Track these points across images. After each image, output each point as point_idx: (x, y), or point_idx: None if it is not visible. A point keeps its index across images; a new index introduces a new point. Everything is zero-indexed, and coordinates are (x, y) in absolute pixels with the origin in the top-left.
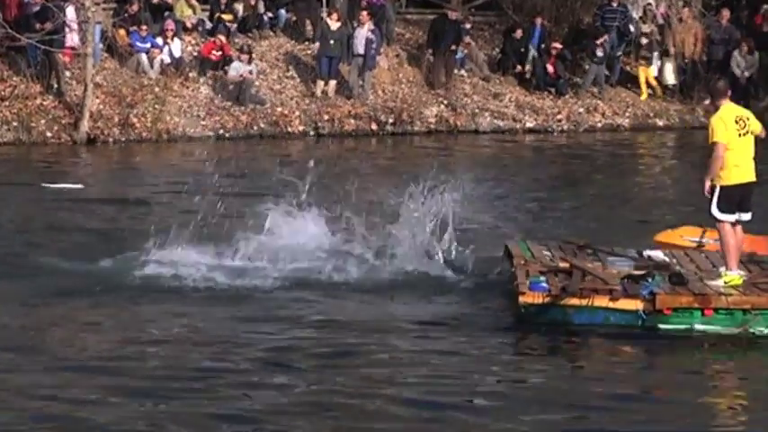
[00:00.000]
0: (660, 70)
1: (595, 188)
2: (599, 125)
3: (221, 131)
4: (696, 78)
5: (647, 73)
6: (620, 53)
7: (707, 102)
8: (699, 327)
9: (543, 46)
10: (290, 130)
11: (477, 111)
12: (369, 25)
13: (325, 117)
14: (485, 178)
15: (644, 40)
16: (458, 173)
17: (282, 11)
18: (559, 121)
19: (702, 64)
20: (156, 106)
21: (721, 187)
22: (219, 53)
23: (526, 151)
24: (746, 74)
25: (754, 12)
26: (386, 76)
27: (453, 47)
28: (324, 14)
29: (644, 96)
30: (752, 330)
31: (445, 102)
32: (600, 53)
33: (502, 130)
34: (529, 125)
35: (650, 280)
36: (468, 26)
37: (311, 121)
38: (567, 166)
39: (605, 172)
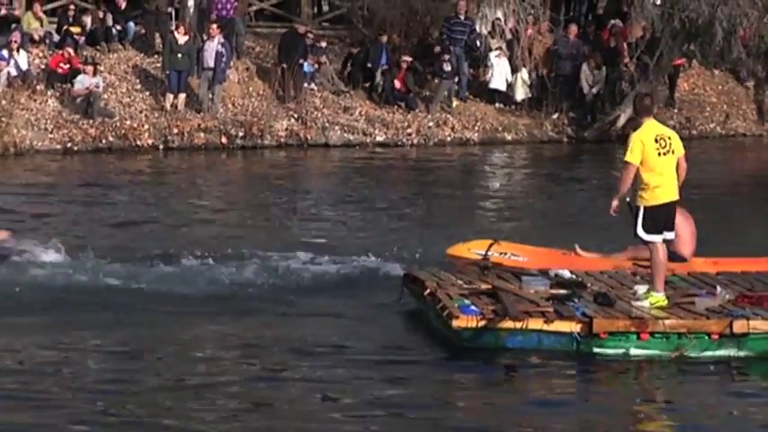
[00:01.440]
0: (509, 85)
1: (438, 201)
2: (448, 139)
3: (69, 145)
4: (544, 93)
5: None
6: (467, 68)
7: (555, 116)
8: (634, 351)
9: (386, 61)
10: (139, 143)
11: (327, 124)
12: (218, 38)
13: (175, 131)
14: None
15: (494, 55)
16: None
17: (131, 24)
18: (409, 134)
19: (550, 79)
20: (3, 119)
21: (645, 208)
22: (67, 66)
23: (375, 165)
24: (594, 90)
25: (602, 27)
26: (236, 90)
27: (302, 60)
28: (172, 28)
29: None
30: (687, 354)
31: (295, 115)
32: (447, 68)
33: (352, 144)
34: (379, 139)
35: (576, 300)
36: (323, 44)
37: (161, 134)
38: (413, 180)
39: (449, 185)
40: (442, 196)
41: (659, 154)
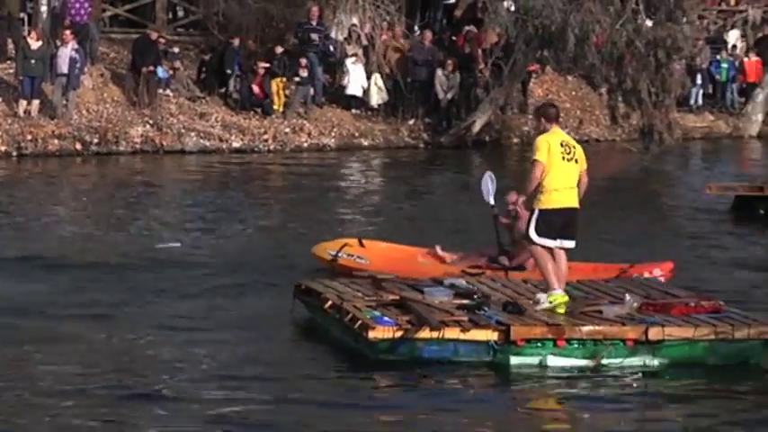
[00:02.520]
0: (365, 91)
1: (297, 206)
2: (305, 145)
3: None
4: (400, 99)
5: (278, 86)
6: (322, 73)
7: (411, 122)
8: (551, 359)
9: (239, 67)
10: None
11: (183, 131)
12: (72, 44)
13: (29, 137)
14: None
15: (349, 61)
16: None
17: None
18: (266, 140)
19: (406, 85)
20: None
21: (540, 211)
22: None
23: (232, 171)
24: (449, 95)
25: (457, 33)
26: (90, 96)
27: (156, 66)
28: (25, 33)
29: (277, 107)
30: (603, 362)
31: (151, 121)
32: (303, 74)
33: (208, 151)
34: (235, 145)
35: (486, 309)
36: (176, 50)
37: (14, 141)
38: (271, 186)
39: (307, 190)
40: (299, 201)
41: (564, 158)
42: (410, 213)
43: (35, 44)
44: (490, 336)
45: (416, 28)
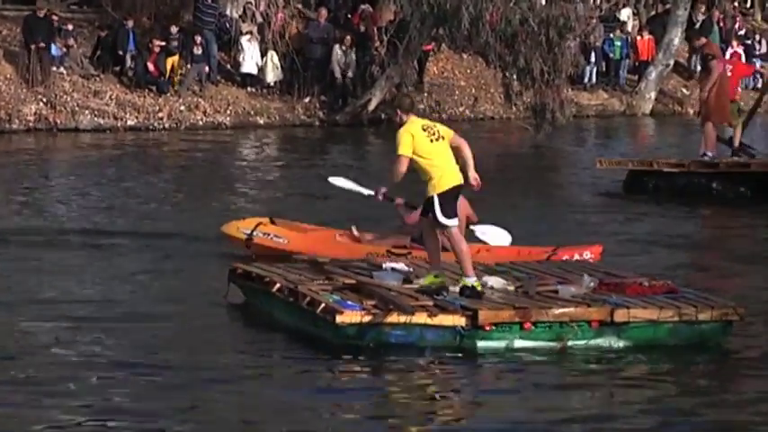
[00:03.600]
0: (260, 69)
1: (194, 185)
2: (200, 123)
3: None
4: (295, 77)
5: (173, 63)
6: (216, 51)
7: (307, 100)
8: (517, 342)
9: (134, 46)
10: None
11: (77, 108)
12: None
13: None
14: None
15: (244, 38)
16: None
17: None
18: (161, 118)
19: (301, 63)
20: None
21: (439, 195)
22: None
23: (125, 150)
24: (349, 73)
25: (352, 11)
26: None
27: (48, 43)
28: None
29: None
30: (569, 344)
31: (44, 99)
32: (198, 51)
33: (103, 129)
34: (130, 123)
35: (445, 294)
36: (70, 27)
37: None
38: (168, 164)
39: (203, 168)
40: (196, 180)
41: (431, 141)
42: (308, 192)
43: None
44: (457, 321)
45: (312, 5)
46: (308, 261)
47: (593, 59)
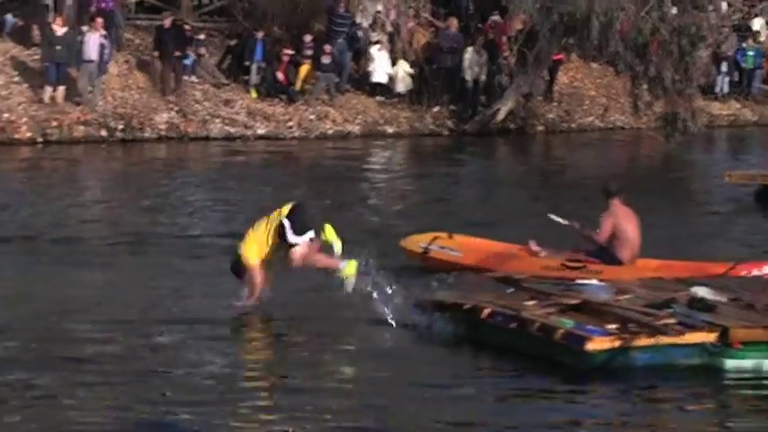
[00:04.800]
0: (390, 78)
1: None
2: (330, 132)
3: None
4: (425, 86)
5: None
6: (350, 60)
7: (436, 109)
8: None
9: (262, 56)
10: (17, 136)
11: (207, 117)
12: (100, 31)
13: (54, 123)
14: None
15: (375, 48)
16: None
17: (9, 16)
18: (290, 127)
19: (431, 72)
20: None
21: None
22: None
23: (256, 159)
24: (481, 78)
25: (483, 21)
26: (115, 83)
27: (181, 53)
28: (50, 19)
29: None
30: None
31: (176, 108)
32: (327, 60)
33: (233, 137)
34: (260, 132)
35: (675, 307)
36: (201, 37)
37: (39, 127)
38: (297, 174)
39: (335, 178)
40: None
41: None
42: (439, 201)
43: (60, 30)
44: (706, 338)
45: (442, 14)
46: (504, 278)
47: (725, 69)
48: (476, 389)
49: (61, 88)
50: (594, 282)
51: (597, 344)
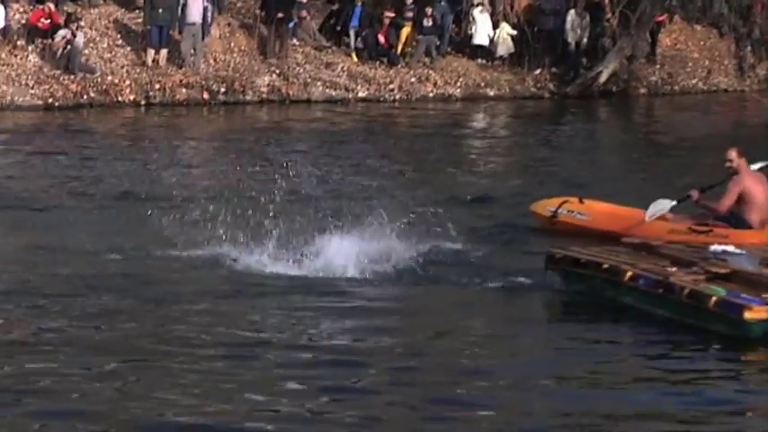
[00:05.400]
0: (491, 41)
1: (430, 157)
2: (431, 95)
3: (50, 100)
4: (526, 48)
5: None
6: (451, 23)
7: (537, 72)
8: None
9: (359, 21)
10: (120, 99)
11: (309, 80)
12: None
13: (157, 86)
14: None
15: (476, 10)
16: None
17: None
18: (391, 90)
19: (533, 34)
20: None
21: None
22: (48, 21)
23: (358, 121)
24: (583, 41)
25: None
26: (218, 45)
27: (284, 15)
28: None
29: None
30: None
31: (277, 71)
32: (428, 23)
33: (334, 100)
34: (361, 95)
35: None
36: (303, 0)
37: (142, 90)
38: (402, 136)
39: (438, 141)
40: (427, 153)
41: None
42: (540, 164)
43: None
44: None
45: None
46: (641, 244)
47: None
48: (615, 363)
49: (164, 51)
50: (731, 248)
51: (756, 313)
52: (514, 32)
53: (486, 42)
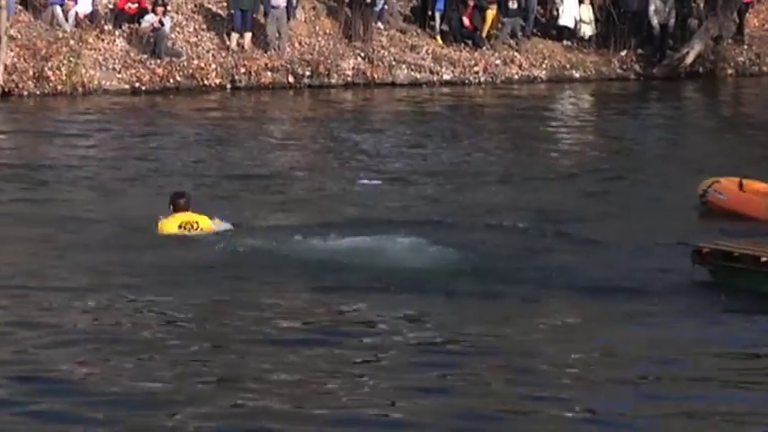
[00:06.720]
0: (576, 22)
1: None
2: (516, 77)
3: (137, 85)
4: (612, 30)
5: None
6: (535, 5)
7: (623, 53)
8: None
9: (444, 6)
10: (206, 83)
11: (394, 63)
12: None
13: (242, 70)
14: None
15: None
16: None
17: None
18: (476, 73)
19: (618, 15)
20: (71, 59)
21: None
22: (135, 6)
23: (444, 103)
24: (670, 22)
25: None
26: (303, 29)
27: None
28: None
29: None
30: None
31: (362, 54)
32: (513, 5)
33: (419, 83)
34: (446, 77)
35: None
36: None
37: (228, 74)
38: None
39: (523, 123)
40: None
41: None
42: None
43: None
44: None
45: None
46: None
47: None
48: None
49: (248, 35)
50: None
51: None
52: (599, 14)
53: (571, 24)
